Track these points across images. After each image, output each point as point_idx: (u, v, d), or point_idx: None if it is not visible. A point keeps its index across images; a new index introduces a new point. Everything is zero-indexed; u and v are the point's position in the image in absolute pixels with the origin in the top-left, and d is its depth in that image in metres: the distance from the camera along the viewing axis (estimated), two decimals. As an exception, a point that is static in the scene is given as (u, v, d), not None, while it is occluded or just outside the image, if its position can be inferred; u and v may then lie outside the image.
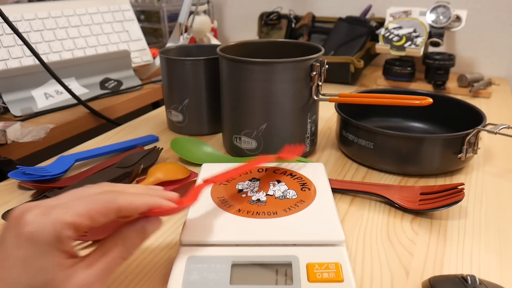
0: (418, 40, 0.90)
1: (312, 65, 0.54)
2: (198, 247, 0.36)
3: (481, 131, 0.53)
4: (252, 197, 0.43)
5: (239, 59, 0.54)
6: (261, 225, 0.38)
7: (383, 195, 0.49)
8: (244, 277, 0.34)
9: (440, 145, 0.53)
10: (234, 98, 0.57)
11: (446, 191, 0.47)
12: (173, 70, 0.65)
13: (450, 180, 0.55)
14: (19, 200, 0.50)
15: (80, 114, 0.76)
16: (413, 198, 0.48)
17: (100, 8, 0.95)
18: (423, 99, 0.52)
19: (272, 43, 0.66)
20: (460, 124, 0.59)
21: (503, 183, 0.54)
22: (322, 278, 0.33)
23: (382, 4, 1.10)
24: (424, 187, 0.49)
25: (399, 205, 0.48)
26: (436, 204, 0.46)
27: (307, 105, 0.57)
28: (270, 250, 0.36)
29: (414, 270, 0.39)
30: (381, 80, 0.97)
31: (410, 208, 0.47)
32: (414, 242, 0.43)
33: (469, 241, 0.43)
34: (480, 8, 1.01)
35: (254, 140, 0.57)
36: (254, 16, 1.28)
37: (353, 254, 0.41)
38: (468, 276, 0.34)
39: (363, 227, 0.45)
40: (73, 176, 0.55)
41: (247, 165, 0.45)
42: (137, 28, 1.00)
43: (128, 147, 0.62)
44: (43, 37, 0.85)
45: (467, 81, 0.91)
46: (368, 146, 0.55)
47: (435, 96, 0.66)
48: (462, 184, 0.47)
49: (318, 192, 0.44)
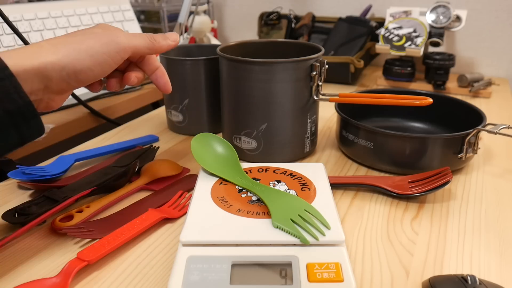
0: (418, 40, 0.90)
1: (312, 65, 0.54)
2: (198, 247, 0.36)
3: (481, 131, 0.53)
4: (252, 197, 0.43)
5: (239, 59, 0.54)
6: (261, 225, 0.38)
7: (375, 184, 0.51)
8: (244, 277, 0.34)
9: (440, 145, 0.53)
10: (234, 98, 0.57)
11: (433, 176, 0.50)
12: (173, 70, 0.65)
13: (450, 180, 0.55)
14: (19, 200, 0.50)
15: (80, 114, 0.76)
16: (404, 185, 0.51)
17: (100, 8, 0.95)
18: (423, 99, 0.52)
19: (272, 43, 0.66)
20: (460, 124, 0.59)
21: (503, 183, 0.54)
22: (322, 278, 0.33)
23: (382, 4, 1.10)
24: (413, 176, 0.52)
25: (390, 191, 0.50)
26: (426, 187, 0.49)
27: (307, 105, 0.57)
28: (270, 250, 0.36)
29: (414, 270, 0.39)
30: (381, 80, 0.97)
31: (402, 193, 0.49)
32: (414, 242, 0.43)
33: (469, 241, 0.43)
34: (480, 8, 1.01)
35: (254, 140, 0.57)
36: (254, 16, 1.28)
37: (353, 254, 0.41)
38: (468, 276, 0.34)
39: (363, 227, 0.45)
40: (72, 175, 0.55)
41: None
42: (137, 28, 1.00)
43: (128, 147, 0.62)
44: (43, 37, 0.85)
45: (467, 81, 0.91)
46: (368, 146, 0.55)
47: (435, 96, 0.66)
48: (448, 168, 0.49)
49: (318, 192, 0.44)
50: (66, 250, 0.41)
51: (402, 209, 0.48)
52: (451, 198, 0.51)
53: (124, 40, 0.42)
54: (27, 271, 0.39)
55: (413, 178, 0.51)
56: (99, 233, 0.42)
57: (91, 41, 0.40)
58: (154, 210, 0.46)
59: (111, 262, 0.40)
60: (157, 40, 0.46)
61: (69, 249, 0.42)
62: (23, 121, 0.35)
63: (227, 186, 0.45)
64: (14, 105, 0.34)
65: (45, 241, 0.43)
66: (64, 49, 0.38)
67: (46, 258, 0.40)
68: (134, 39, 0.43)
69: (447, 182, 0.48)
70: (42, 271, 0.39)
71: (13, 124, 0.35)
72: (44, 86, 0.37)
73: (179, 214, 0.47)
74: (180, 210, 0.47)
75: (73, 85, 0.39)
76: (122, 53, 0.42)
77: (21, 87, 0.35)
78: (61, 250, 0.41)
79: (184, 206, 0.48)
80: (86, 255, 0.38)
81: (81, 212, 0.46)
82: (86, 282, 0.37)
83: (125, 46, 0.42)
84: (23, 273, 0.39)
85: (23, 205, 0.46)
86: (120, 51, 0.41)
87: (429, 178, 0.50)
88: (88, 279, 0.38)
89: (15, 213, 0.45)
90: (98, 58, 0.39)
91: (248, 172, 0.48)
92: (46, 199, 0.47)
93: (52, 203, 0.46)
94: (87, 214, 0.46)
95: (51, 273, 0.38)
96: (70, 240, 0.43)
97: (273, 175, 0.48)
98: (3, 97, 0.34)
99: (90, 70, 0.39)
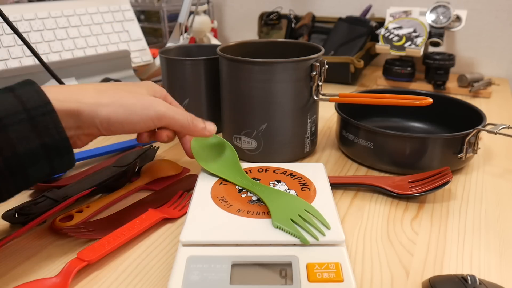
0: (418, 40, 0.90)
1: (312, 65, 0.54)
2: (198, 247, 0.36)
3: (481, 131, 0.53)
4: (252, 197, 0.43)
5: (239, 59, 0.54)
6: (261, 225, 0.38)
7: (375, 184, 0.51)
8: (244, 277, 0.34)
9: (440, 145, 0.53)
10: (234, 98, 0.57)
11: (434, 175, 0.50)
12: (173, 70, 0.65)
13: (450, 180, 0.55)
14: (19, 200, 0.50)
15: (80, 114, 0.76)
16: (404, 185, 0.51)
17: (100, 8, 0.95)
18: (423, 99, 0.52)
19: (272, 43, 0.66)
20: (460, 124, 0.59)
21: (503, 183, 0.54)
22: (322, 278, 0.33)
23: (382, 4, 1.10)
24: (413, 176, 0.51)
25: (391, 191, 0.50)
26: (426, 187, 0.49)
27: (307, 105, 0.57)
28: (270, 250, 0.36)
29: (414, 270, 0.39)
30: (381, 80, 0.97)
31: (402, 193, 0.49)
32: (414, 242, 0.42)
33: (469, 241, 0.43)
34: (480, 8, 1.01)
35: (254, 140, 0.57)
36: (254, 16, 1.28)
37: (353, 254, 0.41)
38: (468, 276, 0.34)
39: (363, 227, 0.45)
40: (72, 176, 0.55)
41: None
42: (137, 28, 1.00)
43: (127, 147, 0.62)
44: (43, 37, 0.85)
45: (467, 81, 0.91)
46: (368, 146, 0.55)
47: (435, 96, 0.66)
48: (448, 168, 0.49)
49: (318, 192, 0.44)
50: (66, 250, 0.41)
51: (402, 209, 0.48)
52: (451, 198, 0.51)
53: (163, 110, 0.43)
54: (27, 271, 0.39)
55: (413, 178, 0.51)
56: (99, 233, 0.42)
57: (133, 100, 0.41)
58: (154, 210, 0.46)
59: (111, 262, 0.40)
60: (195, 124, 0.46)
61: (69, 249, 0.42)
62: (57, 155, 0.37)
63: (227, 186, 0.45)
64: (52, 140, 0.36)
65: (45, 241, 0.43)
66: (105, 99, 0.40)
67: (46, 258, 0.40)
68: (174, 113, 0.44)
69: (447, 182, 0.48)
70: (42, 271, 0.39)
71: (48, 157, 0.36)
72: (77, 126, 0.39)
73: (179, 214, 0.47)
74: (180, 210, 0.47)
75: (103, 133, 0.41)
76: (156, 121, 0.43)
77: (60, 123, 0.36)
78: (61, 250, 0.41)
79: (184, 206, 0.48)
80: (86, 255, 0.38)
81: (81, 212, 0.46)
82: (86, 282, 0.37)
83: (161, 116, 0.43)
84: (23, 273, 0.39)
85: (23, 205, 0.46)
86: (154, 119, 0.42)
87: (429, 178, 0.50)
88: (88, 279, 0.38)
89: (15, 213, 0.45)
90: (132, 118, 0.41)
91: (248, 172, 0.48)
92: (46, 199, 0.47)
93: (52, 203, 0.46)
94: (87, 214, 0.46)
95: (51, 273, 0.38)
96: (70, 240, 0.43)
97: (273, 175, 0.48)
98: (43, 131, 0.35)
99: (121, 126, 0.41)
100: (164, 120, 0.43)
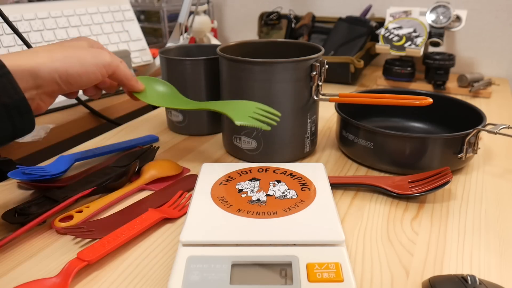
0: (418, 40, 0.90)
1: (312, 65, 0.54)
2: (198, 247, 0.36)
3: (481, 131, 0.53)
4: (252, 197, 0.43)
5: (239, 59, 0.54)
6: (261, 225, 0.38)
7: (375, 184, 0.51)
8: (244, 277, 0.34)
9: (440, 145, 0.53)
10: (234, 98, 0.57)
11: (434, 176, 0.50)
12: (173, 70, 0.65)
13: (450, 180, 0.55)
14: (18, 200, 0.50)
15: (80, 114, 0.76)
16: (404, 185, 0.51)
17: (100, 8, 0.95)
18: (423, 99, 0.52)
19: (272, 43, 0.66)
20: (460, 124, 0.59)
21: (503, 183, 0.54)
22: (322, 278, 0.33)
23: (382, 4, 1.10)
24: (413, 176, 0.52)
25: (391, 191, 0.50)
26: (426, 187, 0.49)
27: (307, 105, 0.57)
28: (270, 250, 0.36)
29: (414, 270, 0.39)
30: (381, 80, 0.97)
31: (402, 193, 0.49)
32: (414, 242, 0.43)
33: (469, 241, 0.43)
34: (480, 8, 1.01)
35: (254, 140, 0.57)
36: (254, 16, 1.28)
37: (353, 254, 0.41)
38: (468, 276, 0.34)
39: (363, 227, 0.45)
40: (72, 175, 0.55)
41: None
42: (137, 28, 1.00)
43: (127, 147, 0.62)
44: (43, 37, 0.85)
45: (467, 81, 0.91)
46: (368, 146, 0.55)
47: (435, 96, 0.66)
48: (448, 168, 0.49)
49: (318, 192, 0.44)
50: (66, 250, 0.41)
51: (402, 209, 0.48)
52: (451, 198, 0.51)
53: (110, 58, 0.47)
54: (27, 271, 0.39)
55: (413, 178, 0.51)
56: (99, 233, 0.42)
57: (83, 52, 0.45)
58: (154, 210, 0.46)
59: (111, 262, 0.40)
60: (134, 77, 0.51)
61: (69, 249, 0.42)
62: (17, 115, 0.38)
63: (227, 186, 0.45)
64: (10, 99, 0.37)
65: (45, 241, 0.43)
66: (58, 55, 0.42)
67: (46, 258, 0.40)
68: (118, 61, 0.48)
69: (447, 182, 0.48)
70: (42, 271, 0.39)
71: (8, 116, 0.38)
72: (37, 85, 0.41)
73: (179, 214, 0.47)
74: (180, 210, 0.47)
75: (63, 88, 0.43)
76: (107, 68, 0.46)
77: (17, 84, 0.38)
78: (61, 250, 0.41)
79: (184, 206, 0.48)
80: (86, 255, 0.38)
81: (81, 212, 0.46)
82: (86, 282, 0.37)
83: (110, 63, 0.47)
84: (23, 273, 0.39)
85: (23, 205, 0.46)
86: (106, 66, 0.46)
87: (429, 178, 0.50)
88: (88, 279, 0.38)
89: (15, 213, 0.45)
90: (87, 68, 0.44)
91: (248, 172, 0.48)
92: (46, 199, 0.47)
93: (52, 203, 0.46)
94: (87, 214, 0.46)
95: (51, 273, 0.38)
96: (70, 240, 0.43)
97: (273, 175, 0.48)
98: (0, 92, 0.37)
99: (79, 77, 0.44)
100: (112, 66, 0.47)
